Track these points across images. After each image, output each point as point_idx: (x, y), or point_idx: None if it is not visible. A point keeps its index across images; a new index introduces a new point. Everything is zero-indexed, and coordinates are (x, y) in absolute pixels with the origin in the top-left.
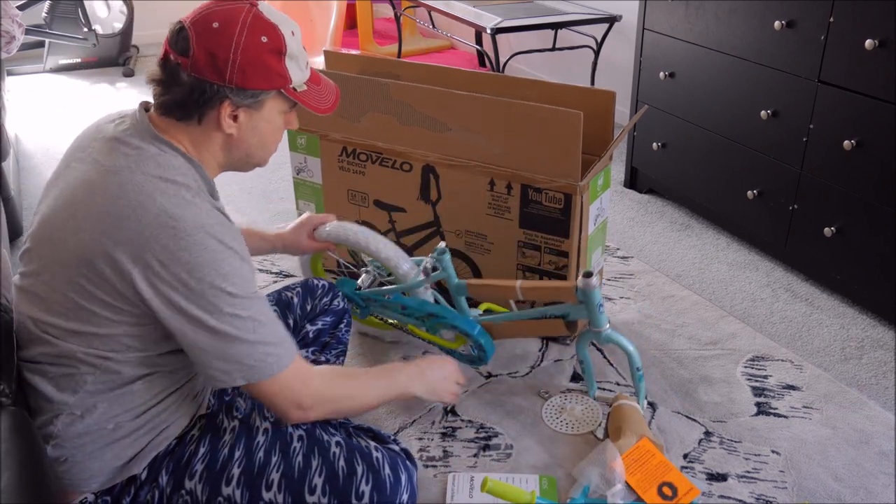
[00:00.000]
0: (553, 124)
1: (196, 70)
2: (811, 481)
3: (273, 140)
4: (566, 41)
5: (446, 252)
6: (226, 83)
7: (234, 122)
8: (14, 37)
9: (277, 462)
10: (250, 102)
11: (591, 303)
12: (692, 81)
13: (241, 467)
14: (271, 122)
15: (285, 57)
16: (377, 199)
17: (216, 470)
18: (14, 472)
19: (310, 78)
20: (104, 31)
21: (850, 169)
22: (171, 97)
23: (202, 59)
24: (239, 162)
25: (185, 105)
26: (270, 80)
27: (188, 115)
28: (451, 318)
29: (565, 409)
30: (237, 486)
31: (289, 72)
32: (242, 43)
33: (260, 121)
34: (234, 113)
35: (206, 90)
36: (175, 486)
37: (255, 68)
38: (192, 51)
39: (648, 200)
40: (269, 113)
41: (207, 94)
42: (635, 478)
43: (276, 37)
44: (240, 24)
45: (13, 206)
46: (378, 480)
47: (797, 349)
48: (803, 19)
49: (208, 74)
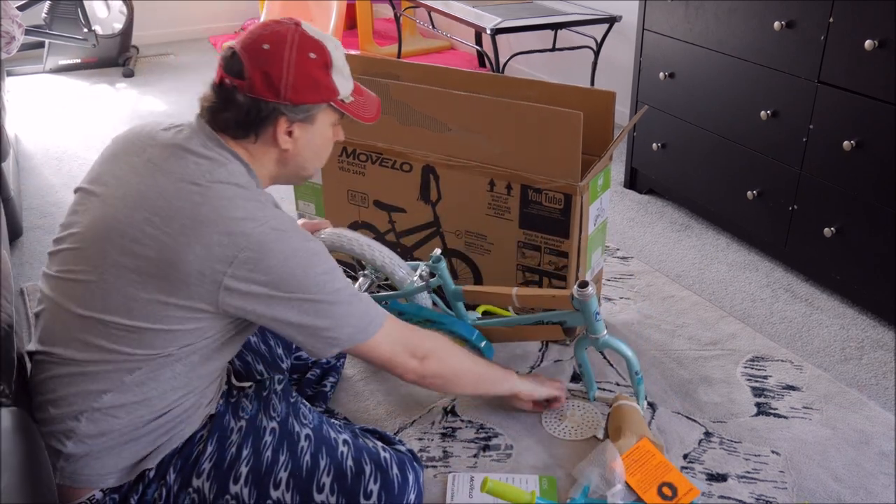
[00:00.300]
0: (553, 124)
1: (252, 90)
2: (811, 481)
3: (325, 151)
4: (566, 41)
5: (441, 260)
6: (280, 100)
7: (290, 137)
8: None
9: (285, 461)
10: (303, 117)
11: (588, 311)
12: (692, 82)
13: (248, 466)
14: (323, 135)
15: (332, 70)
16: (377, 199)
17: (224, 468)
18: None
19: (354, 89)
20: (104, 32)
21: (849, 169)
22: (228, 116)
23: (258, 80)
24: (292, 175)
25: (242, 124)
26: (321, 93)
27: (246, 133)
28: (448, 323)
29: (565, 415)
30: (245, 485)
31: (336, 84)
32: (294, 61)
33: (313, 134)
34: (290, 129)
35: (262, 109)
36: (182, 484)
37: (307, 84)
38: (246, 73)
39: (648, 201)
40: (321, 126)
41: (264, 113)
42: (635, 478)
43: (322, 52)
44: (288, 44)
45: (13, 207)
46: (386, 480)
47: (797, 349)
48: (803, 19)
49: (264, 94)
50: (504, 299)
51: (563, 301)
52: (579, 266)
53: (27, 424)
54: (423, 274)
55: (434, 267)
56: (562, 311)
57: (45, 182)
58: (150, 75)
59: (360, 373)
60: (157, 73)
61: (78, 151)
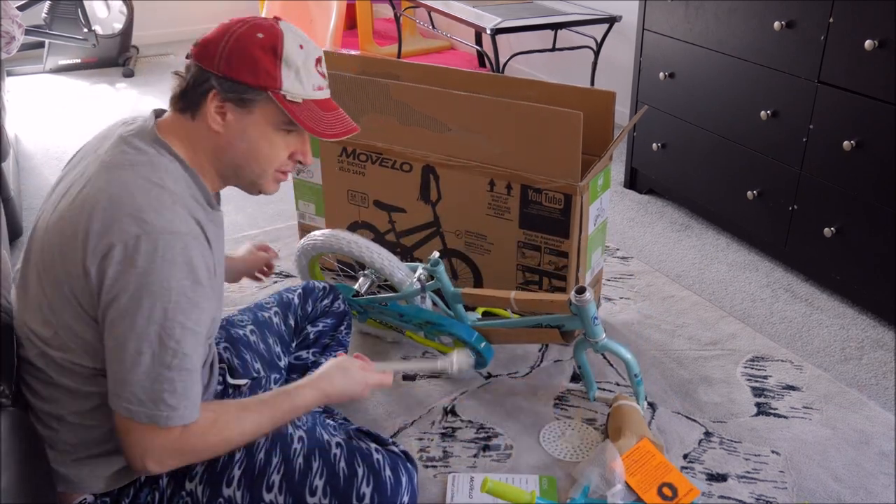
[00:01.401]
0: (553, 124)
1: (195, 56)
2: (811, 481)
3: (266, 156)
4: (566, 41)
5: (440, 263)
6: (213, 69)
7: (222, 119)
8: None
9: (278, 463)
10: (235, 98)
11: (586, 316)
12: (692, 82)
13: (241, 469)
14: (263, 134)
15: (280, 60)
16: (377, 199)
17: (216, 471)
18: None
19: (319, 101)
20: (104, 32)
21: (849, 169)
22: (177, 85)
23: (200, 47)
24: (231, 172)
25: (184, 94)
26: (257, 76)
27: (185, 107)
28: (447, 325)
29: (564, 435)
30: (238, 488)
31: (281, 75)
32: (238, 33)
33: (249, 126)
34: (222, 108)
35: (198, 77)
36: (175, 489)
37: (242, 59)
38: (199, 40)
39: (648, 201)
40: (260, 121)
41: (199, 80)
42: (635, 478)
43: (273, 38)
44: (244, 21)
45: (13, 207)
46: (379, 482)
47: (797, 349)
48: (803, 19)
49: (200, 59)
50: (502, 303)
51: (560, 306)
52: (579, 266)
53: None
54: (421, 277)
55: (432, 270)
56: (560, 314)
57: (45, 182)
58: (150, 75)
59: None
60: (157, 73)
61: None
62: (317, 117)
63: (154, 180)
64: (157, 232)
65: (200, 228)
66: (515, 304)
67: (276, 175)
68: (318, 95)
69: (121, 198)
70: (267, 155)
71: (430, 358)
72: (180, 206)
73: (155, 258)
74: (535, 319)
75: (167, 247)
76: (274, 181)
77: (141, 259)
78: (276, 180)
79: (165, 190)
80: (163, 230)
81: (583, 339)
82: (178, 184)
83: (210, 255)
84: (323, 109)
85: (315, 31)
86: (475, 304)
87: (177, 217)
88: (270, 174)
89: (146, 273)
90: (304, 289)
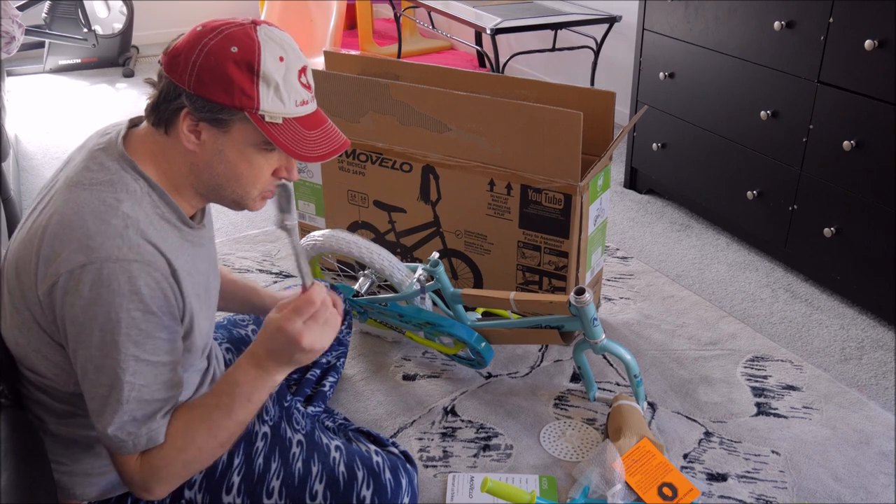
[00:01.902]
0: (553, 124)
1: (165, 67)
2: (811, 481)
3: (247, 177)
4: (566, 41)
5: (439, 264)
6: (184, 86)
7: (197, 138)
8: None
9: (277, 468)
10: (209, 118)
11: (585, 317)
12: (692, 82)
13: (240, 475)
14: (242, 155)
15: (257, 77)
16: (377, 199)
17: (215, 478)
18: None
19: (303, 118)
20: (104, 32)
21: (849, 169)
22: (151, 100)
23: (170, 57)
24: (212, 192)
25: (156, 108)
26: (231, 94)
27: (158, 120)
28: (447, 326)
29: (564, 434)
30: (237, 494)
31: (258, 94)
32: (209, 48)
33: (227, 146)
34: (196, 127)
35: (170, 92)
36: (174, 497)
37: (215, 76)
38: (169, 48)
39: (648, 201)
40: (238, 140)
41: (171, 96)
42: (636, 478)
43: (248, 50)
44: (217, 31)
45: (13, 207)
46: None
47: (797, 349)
48: (803, 19)
49: (171, 72)
50: (502, 304)
51: (560, 307)
52: (579, 266)
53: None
54: (420, 278)
55: (432, 271)
56: (559, 315)
57: (44, 182)
58: (150, 75)
59: (360, 373)
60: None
61: None
62: (299, 137)
63: (109, 202)
64: (102, 260)
65: (160, 254)
66: (515, 304)
67: (262, 194)
68: (301, 112)
69: (71, 222)
70: (248, 176)
71: None
72: (133, 230)
73: (100, 289)
74: (534, 320)
75: (111, 276)
76: (259, 200)
77: (85, 289)
78: (262, 198)
79: (119, 213)
80: (108, 258)
81: (582, 339)
82: (138, 205)
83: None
84: (307, 127)
85: (315, 31)
86: (475, 304)
87: (126, 244)
88: (254, 195)
89: (92, 304)
90: None
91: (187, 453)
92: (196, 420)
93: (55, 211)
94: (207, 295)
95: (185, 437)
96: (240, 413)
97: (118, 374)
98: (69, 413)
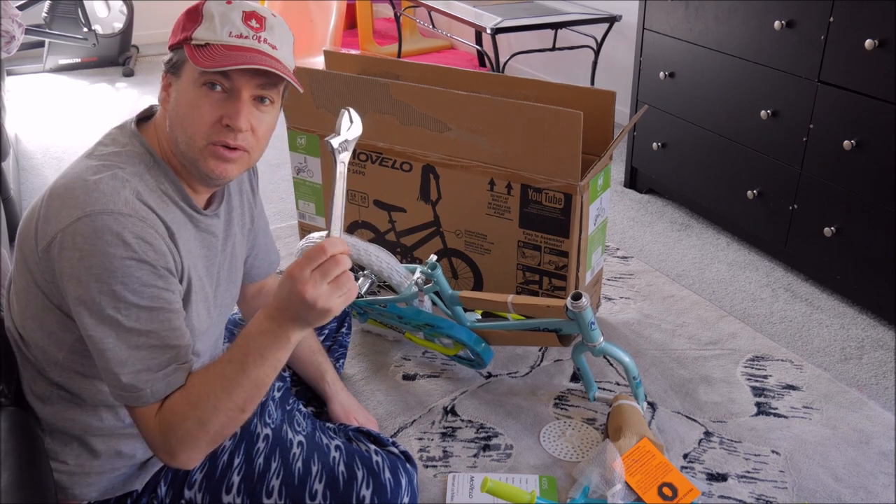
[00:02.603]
0: (553, 124)
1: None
2: (811, 481)
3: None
4: (566, 41)
5: (437, 267)
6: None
7: (166, 94)
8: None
9: (277, 468)
10: (169, 67)
11: (583, 321)
12: (692, 81)
13: (240, 474)
14: (185, 94)
15: (200, 16)
16: (377, 199)
17: (216, 478)
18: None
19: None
20: (104, 31)
21: (849, 169)
22: None
23: None
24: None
25: None
26: (176, 35)
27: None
28: (446, 327)
29: (564, 434)
30: (237, 494)
31: (196, 28)
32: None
33: (179, 90)
34: (168, 84)
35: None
36: (174, 497)
37: (174, 28)
38: None
39: (648, 200)
40: (185, 82)
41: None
42: (636, 478)
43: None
44: None
45: (13, 206)
46: (378, 484)
47: (797, 349)
48: (803, 19)
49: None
50: (500, 306)
51: (557, 311)
52: (579, 265)
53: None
54: (418, 280)
55: (430, 273)
56: (557, 319)
57: (45, 182)
58: (150, 75)
59: (360, 372)
60: (157, 73)
61: (78, 151)
62: (215, 54)
63: (112, 167)
64: (96, 213)
65: (156, 216)
66: (513, 307)
67: (211, 149)
68: (233, 42)
69: (72, 184)
70: (190, 118)
71: None
72: (130, 191)
73: (95, 240)
74: (532, 323)
75: (104, 227)
76: (211, 156)
77: (80, 241)
78: (214, 155)
79: (119, 177)
80: (102, 211)
81: (581, 342)
82: (141, 177)
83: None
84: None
85: (315, 31)
86: (473, 307)
87: (121, 199)
88: (200, 144)
89: (87, 255)
90: None
91: (201, 409)
92: (210, 375)
93: (61, 176)
94: (213, 283)
95: (200, 393)
96: (252, 370)
97: (121, 322)
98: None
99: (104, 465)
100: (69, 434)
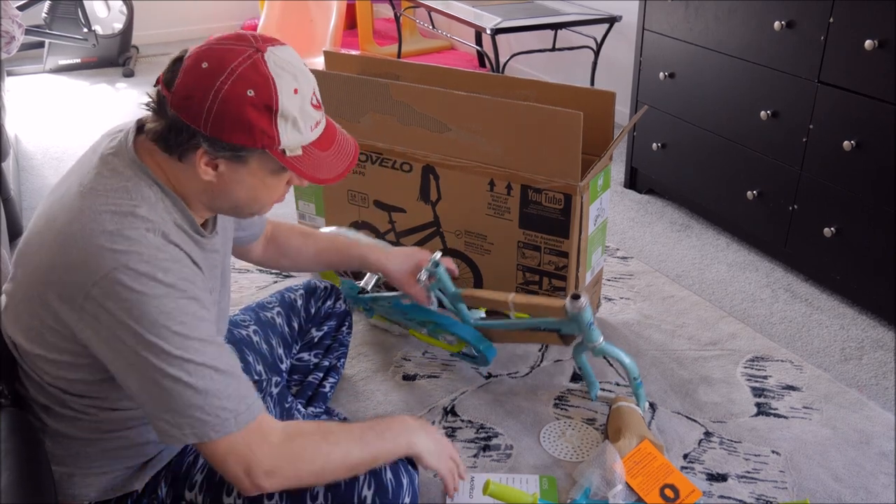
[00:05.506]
0: (553, 124)
1: (174, 107)
2: (811, 481)
3: (267, 196)
4: (566, 41)
5: (440, 265)
6: (201, 128)
7: (214, 170)
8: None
9: None
10: (230, 156)
11: (582, 321)
12: (692, 81)
13: None
14: (262, 180)
15: (276, 116)
16: (377, 199)
17: (217, 479)
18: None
19: (318, 140)
20: (104, 32)
21: (849, 169)
22: (156, 126)
23: (179, 98)
24: (228, 211)
25: (166, 140)
26: (252, 137)
27: (169, 150)
28: (450, 325)
29: (564, 434)
30: (238, 496)
31: (278, 132)
32: (224, 93)
33: (246, 176)
34: (214, 162)
35: (182, 130)
36: (175, 498)
37: (234, 122)
38: (175, 85)
39: (648, 201)
40: (257, 170)
41: (184, 136)
42: (637, 480)
43: (266, 92)
44: (228, 72)
45: (13, 207)
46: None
47: (797, 349)
48: (803, 19)
49: (182, 113)
50: (501, 305)
51: (557, 311)
52: (579, 266)
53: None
54: (421, 278)
55: (433, 271)
56: (557, 319)
57: (45, 182)
58: (150, 75)
59: (360, 373)
60: (156, 73)
61: (78, 151)
62: (317, 162)
63: (126, 208)
64: (134, 262)
65: (183, 251)
66: (513, 306)
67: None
68: (316, 135)
69: (91, 230)
70: (266, 196)
71: None
72: (154, 233)
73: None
74: (532, 322)
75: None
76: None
77: (125, 293)
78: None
79: (138, 217)
80: (139, 259)
81: (581, 342)
82: (154, 210)
83: (198, 274)
84: (323, 148)
85: (315, 31)
86: (474, 305)
87: (152, 243)
88: (269, 208)
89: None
90: (306, 289)
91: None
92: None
93: (73, 219)
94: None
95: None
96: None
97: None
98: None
99: (104, 465)
100: (69, 436)
